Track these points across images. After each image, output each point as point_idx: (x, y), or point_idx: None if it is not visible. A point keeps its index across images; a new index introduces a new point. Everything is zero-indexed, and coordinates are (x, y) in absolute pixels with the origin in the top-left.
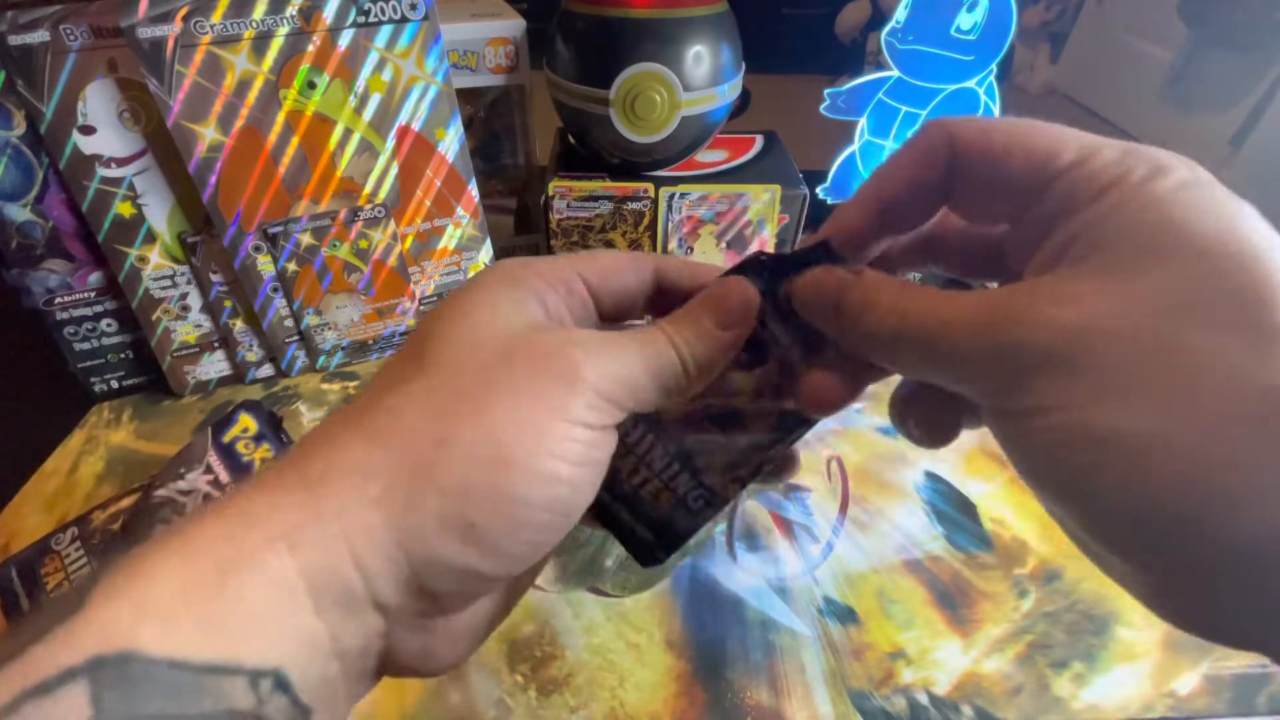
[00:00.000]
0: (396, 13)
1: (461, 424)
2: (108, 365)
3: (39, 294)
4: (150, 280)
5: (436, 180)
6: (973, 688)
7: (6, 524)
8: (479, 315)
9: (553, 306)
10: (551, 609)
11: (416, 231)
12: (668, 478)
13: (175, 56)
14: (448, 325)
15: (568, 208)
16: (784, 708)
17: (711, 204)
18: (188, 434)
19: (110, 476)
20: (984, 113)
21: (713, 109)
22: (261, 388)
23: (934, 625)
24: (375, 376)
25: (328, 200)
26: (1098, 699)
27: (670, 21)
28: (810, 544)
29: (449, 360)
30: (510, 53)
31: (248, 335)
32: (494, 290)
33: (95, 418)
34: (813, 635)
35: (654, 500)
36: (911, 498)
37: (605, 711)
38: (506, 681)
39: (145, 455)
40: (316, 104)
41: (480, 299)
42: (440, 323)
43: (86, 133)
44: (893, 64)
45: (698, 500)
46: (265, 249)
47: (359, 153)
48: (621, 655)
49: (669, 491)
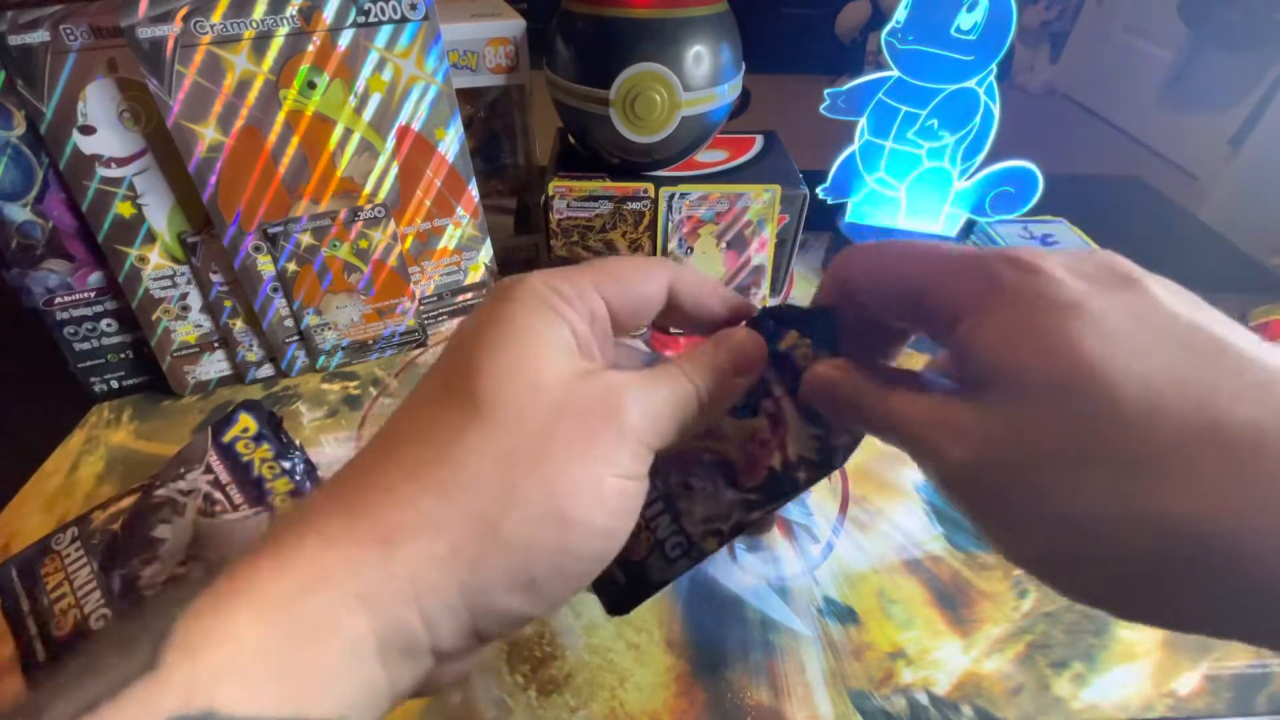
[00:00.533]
0: (396, 13)
1: (523, 480)
2: (108, 365)
3: (39, 294)
4: (150, 280)
5: (436, 180)
6: (973, 688)
7: (6, 524)
8: (523, 351)
9: (582, 335)
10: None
11: (416, 231)
12: (650, 516)
13: (175, 56)
14: (493, 359)
15: (568, 208)
16: (784, 708)
17: (711, 204)
18: (188, 434)
19: (110, 476)
20: (984, 113)
21: (713, 109)
22: (261, 388)
23: (934, 625)
24: (416, 403)
25: (328, 200)
26: (1098, 699)
27: (670, 21)
28: (810, 544)
29: (505, 405)
30: (510, 53)
31: (248, 335)
32: (530, 320)
33: (95, 418)
34: (813, 635)
35: (634, 539)
36: (911, 497)
37: (605, 711)
38: (506, 681)
39: (145, 455)
40: (316, 104)
41: (519, 330)
42: (484, 354)
43: (86, 133)
44: (893, 64)
45: (675, 548)
46: (265, 249)
47: (359, 153)
48: (621, 655)
49: (649, 532)
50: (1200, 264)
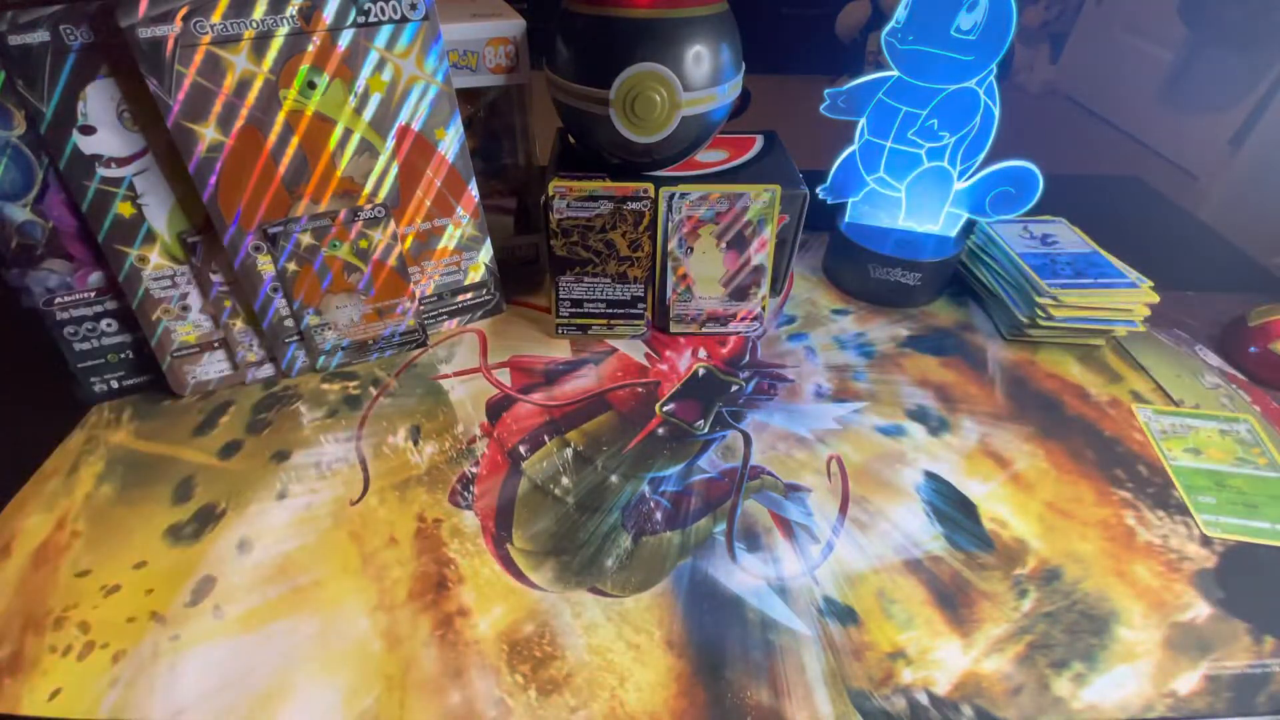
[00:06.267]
0: (396, 13)
1: None
2: (108, 365)
3: (39, 294)
4: (150, 280)
5: (436, 180)
6: (973, 688)
7: (6, 524)
8: None
9: None
10: (551, 609)
11: (416, 231)
12: None
13: (175, 56)
14: None
15: (568, 208)
16: (784, 708)
17: (711, 204)
18: (188, 434)
19: (110, 476)
20: (984, 113)
21: (713, 109)
22: (261, 388)
23: (934, 625)
24: None
25: (328, 200)
26: (1098, 699)
27: (670, 21)
28: (810, 544)
29: None
30: (510, 53)
31: (248, 335)
32: None
33: (95, 418)
34: (813, 635)
35: None
36: (911, 498)
37: (605, 711)
38: (506, 681)
39: (145, 455)
40: (316, 104)
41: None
42: None
43: (86, 133)
44: (893, 64)
45: None
46: (265, 249)
47: (359, 153)
48: (621, 655)
49: None
50: (1200, 264)
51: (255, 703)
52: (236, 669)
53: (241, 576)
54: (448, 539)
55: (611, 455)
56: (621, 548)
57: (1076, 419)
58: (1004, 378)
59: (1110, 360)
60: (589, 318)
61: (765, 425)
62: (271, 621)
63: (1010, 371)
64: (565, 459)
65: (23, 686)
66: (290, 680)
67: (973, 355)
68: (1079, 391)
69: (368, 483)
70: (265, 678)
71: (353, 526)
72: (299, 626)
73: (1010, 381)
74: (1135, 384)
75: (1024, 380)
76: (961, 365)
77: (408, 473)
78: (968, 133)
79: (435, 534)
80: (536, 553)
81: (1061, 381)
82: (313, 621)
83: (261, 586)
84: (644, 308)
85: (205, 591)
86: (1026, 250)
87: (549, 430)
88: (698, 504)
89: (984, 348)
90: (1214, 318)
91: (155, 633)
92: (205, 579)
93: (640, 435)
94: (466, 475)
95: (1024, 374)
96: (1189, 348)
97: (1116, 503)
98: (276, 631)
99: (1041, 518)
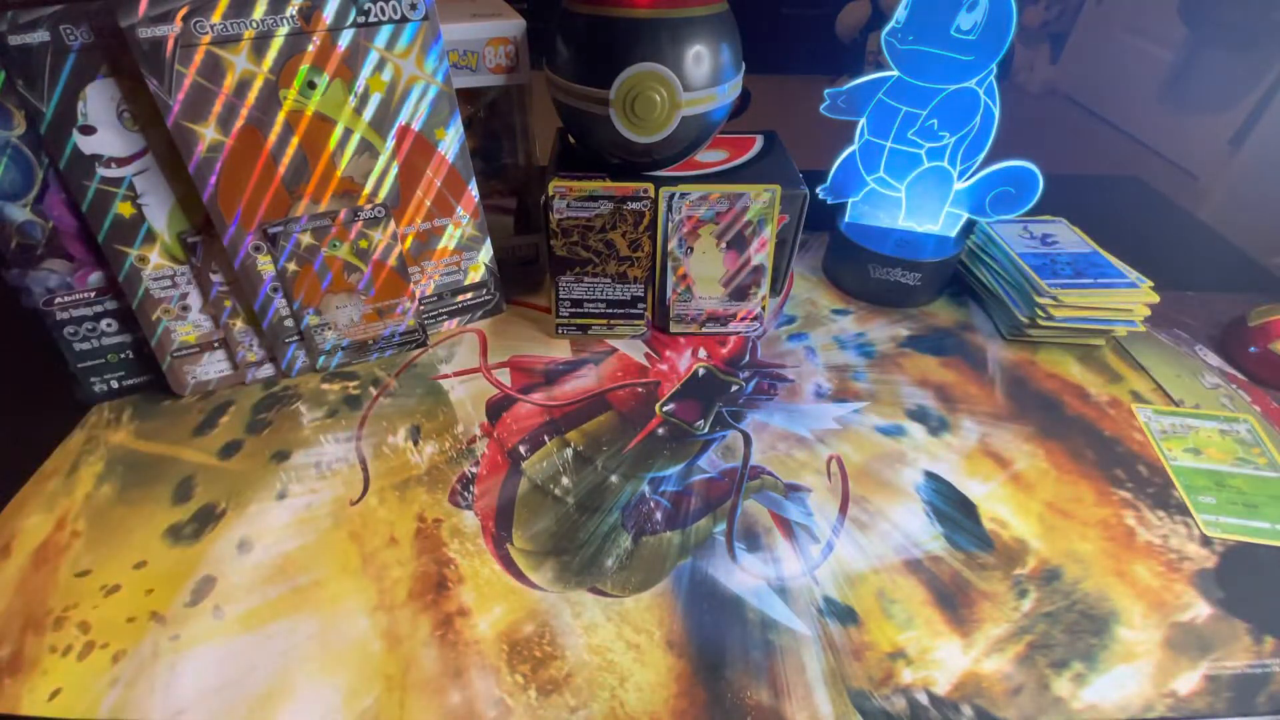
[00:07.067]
0: (396, 13)
1: None
2: (108, 365)
3: (39, 294)
4: (150, 280)
5: (436, 180)
6: (973, 688)
7: (6, 524)
8: None
9: None
10: (551, 609)
11: (416, 231)
12: None
13: (175, 56)
14: None
15: (568, 208)
16: (784, 708)
17: (711, 204)
18: (188, 434)
19: (110, 476)
20: (984, 113)
21: (713, 109)
22: (261, 388)
23: (934, 625)
24: None
25: (328, 200)
26: (1098, 699)
27: (670, 21)
28: (810, 544)
29: None
30: (510, 53)
31: (248, 335)
32: None
33: (95, 418)
34: (813, 635)
35: None
36: (911, 498)
37: (605, 711)
38: (506, 681)
39: (145, 455)
40: (316, 104)
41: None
42: None
43: (86, 133)
44: (893, 64)
45: None
46: (265, 249)
47: (359, 153)
48: (621, 655)
49: None
50: (1200, 264)
51: (255, 703)
52: (236, 669)
53: (241, 576)
54: (448, 539)
55: (611, 455)
56: (621, 548)
57: (1076, 419)
58: (1004, 378)
59: (1110, 360)
60: (589, 318)
61: (765, 425)
62: (271, 621)
63: (1010, 371)
64: (565, 459)
65: (23, 686)
66: (290, 680)
67: (973, 355)
68: (1079, 391)
69: (368, 483)
70: (265, 678)
71: (353, 526)
72: (299, 626)
73: (1010, 381)
74: (1135, 384)
75: (1024, 380)
76: (961, 365)
77: (408, 473)
78: (968, 133)
79: (435, 534)
80: (536, 553)
81: (1061, 381)
82: (313, 621)
83: (261, 586)
84: (644, 308)
85: (205, 591)
86: (1026, 250)
87: (549, 430)
88: (698, 504)
89: (984, 348)
90: (1214, 318)
91: (155, 633)
92: (205, 579)
93: (640, 435)
94: (466, 475)
95: (1024, 374)
96: (1189, 348)
97: (1116, 503)
98: (276, 631)
99: (1041, 518)
